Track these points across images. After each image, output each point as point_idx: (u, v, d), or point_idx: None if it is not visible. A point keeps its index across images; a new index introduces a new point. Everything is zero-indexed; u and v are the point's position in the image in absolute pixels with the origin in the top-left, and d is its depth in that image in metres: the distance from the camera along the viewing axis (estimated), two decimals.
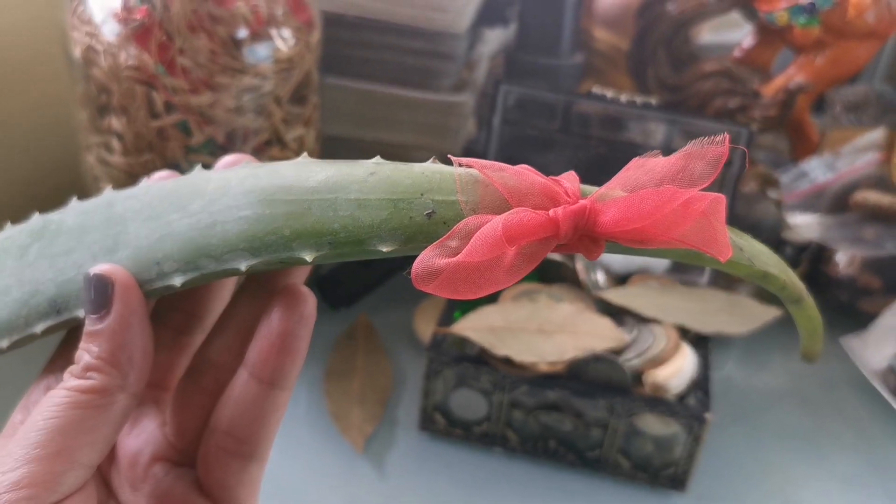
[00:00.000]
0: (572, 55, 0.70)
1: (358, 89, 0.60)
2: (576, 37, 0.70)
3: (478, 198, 0.21)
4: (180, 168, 0.49)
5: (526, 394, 0.49)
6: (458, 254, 0.19)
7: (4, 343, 0.25)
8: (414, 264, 0.20)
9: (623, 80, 0.76)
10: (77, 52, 0.47)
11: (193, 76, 0.46)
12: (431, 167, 0.22)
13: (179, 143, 0.48)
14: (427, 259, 0.20)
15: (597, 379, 0.48)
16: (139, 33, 0.45)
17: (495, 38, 0.66)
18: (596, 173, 0.63)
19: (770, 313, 0.54)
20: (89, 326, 0.22)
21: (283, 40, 0.49)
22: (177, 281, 0.23)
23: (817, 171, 0.65)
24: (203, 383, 0.26)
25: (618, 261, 0.58)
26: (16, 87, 0.60)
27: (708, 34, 0.79)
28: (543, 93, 0.58)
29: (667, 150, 0.65)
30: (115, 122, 0.48)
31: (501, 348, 0.48)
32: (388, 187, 0.21)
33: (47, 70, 0.60)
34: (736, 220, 0.60)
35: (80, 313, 0.23)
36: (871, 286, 0.61)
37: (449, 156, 0.22)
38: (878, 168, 0.65)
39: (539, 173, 0.21)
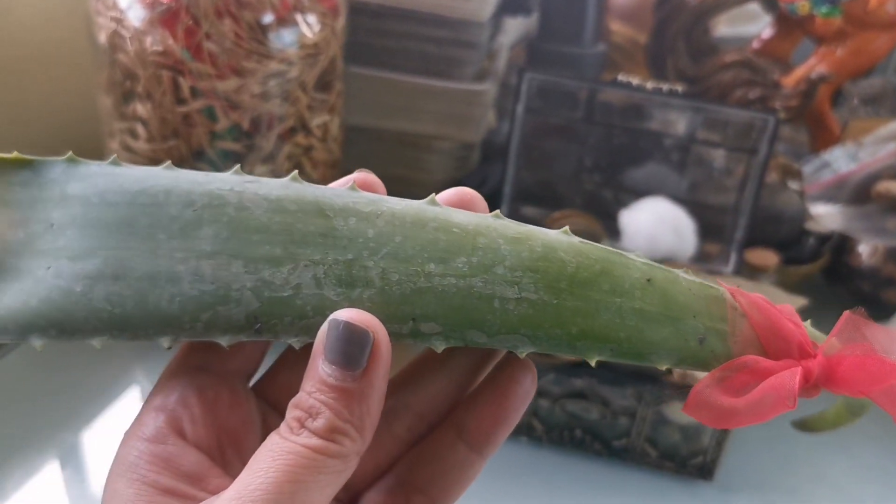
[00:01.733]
0: (595, 44, 0.70)
1: (380, 78, 0.60)
2: (598, 25, 0.69)
3: (741, 332, 0.22)
4: (205, 155, 0.49)
5: (552, 382, 0.48)
6: (721, 385, 0.21)
7: (166, 343, 0.21)
8: (692, 393, 0.21)
9: (641, 72, 0.75)
10: (102, 37, 0.47)
11: (219, 61, 0.46)
12: (694, 283, 0.22)
13: (205, 129, 0.48)
14: (706, 392, 0.21)
15: (624, 367, 0.47)
16: (165, 18, 0.45)
17: (515, 28, 0.65)
18: (619, 161, 0.62)
19: (795, 302, 0.54)
20: (336, 381, 0.20)
21: (309, 26, 0.48)
22: (438, 346, 0.21)
23: (840, 161, 0.65)
24: (395, 428, 0.25)
25: (642, 247, 0.58)
26: (37, 75, 0.60)
27: (724, 27, 0.79)
28: (568, 80, 0.58)
29: (690, 139, 0.64)
30: (140, 108, 0.47)
31: None
32: (665, 301, 0.22)
33: (69, 58, 0.60)
34: (759, 210, 0.59)
35: (293, 342, 0.21)
36: (894, 276, 0.61)
37: (719, 282, 0.23)
38: None
39: (773, 306, 0.22)
